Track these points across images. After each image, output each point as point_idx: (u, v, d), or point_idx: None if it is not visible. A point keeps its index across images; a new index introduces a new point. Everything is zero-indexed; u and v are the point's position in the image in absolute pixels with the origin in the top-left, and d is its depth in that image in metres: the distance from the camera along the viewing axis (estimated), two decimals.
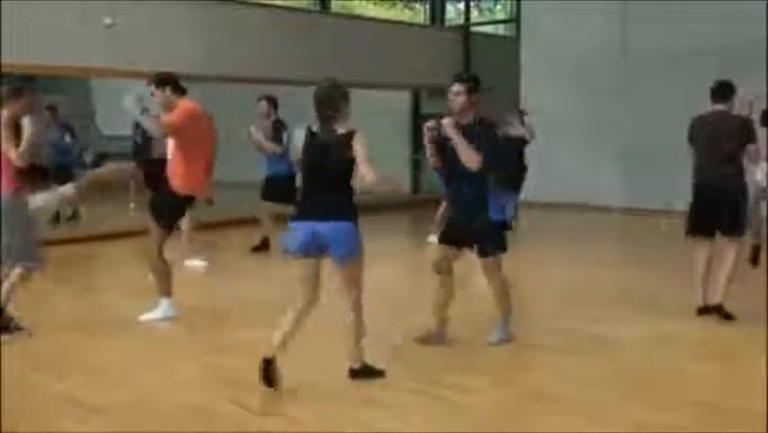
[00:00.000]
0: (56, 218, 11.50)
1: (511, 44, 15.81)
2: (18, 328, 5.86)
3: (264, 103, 9.45)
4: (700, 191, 6.35)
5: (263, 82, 12.46)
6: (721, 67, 12.08)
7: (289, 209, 8.91)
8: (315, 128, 4.65)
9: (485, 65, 15.97)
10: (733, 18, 11.83)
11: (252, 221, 9.83)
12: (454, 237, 5.48)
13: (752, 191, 6.93)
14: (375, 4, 18.53)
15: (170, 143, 6.75)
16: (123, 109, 5.89)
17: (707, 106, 6.44)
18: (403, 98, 15.91)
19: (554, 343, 5.76)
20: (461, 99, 5.30)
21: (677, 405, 4.50)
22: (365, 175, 4.49)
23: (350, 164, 4.57)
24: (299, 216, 4.67)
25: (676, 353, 5.55)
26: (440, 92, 15.93)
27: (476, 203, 5.36)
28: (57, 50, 10.22)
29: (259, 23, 12.71)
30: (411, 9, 18.74)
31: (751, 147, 6.22)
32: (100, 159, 12.90)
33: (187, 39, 11.58)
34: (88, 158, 15.70)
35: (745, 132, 6.19)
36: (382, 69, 14.24)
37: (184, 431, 4.13)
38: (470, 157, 5.18)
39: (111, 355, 5.62)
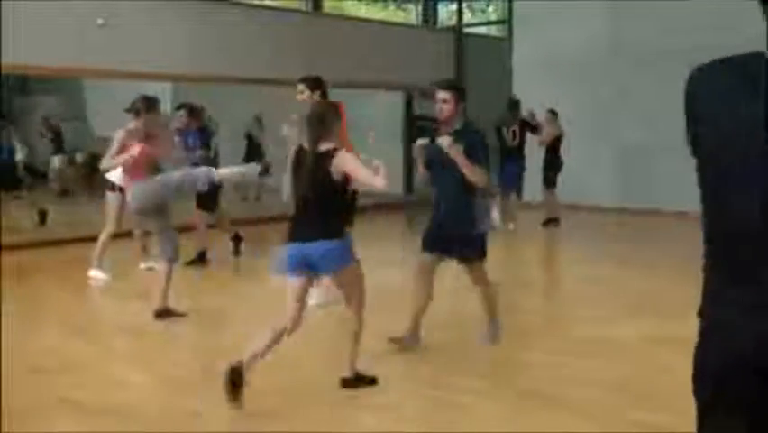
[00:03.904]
0: (42, 220, 11.46)
1: (503, 45, 15.86)
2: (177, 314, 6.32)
3: (183, 112, 8.80)
4: None
5: (257, 82, 12.47)
6: None
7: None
8: (305, 145, 4.51)
9: (477, 66, 16.02)
10: (730, 17, 11.87)
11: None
12: (437, 244, 5.35)
13: None
14: (367, 4, 18.55)
15: None
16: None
17: None
18: (396, 99, 15.92)
19: (554, 343, 5.78)
20: (447, 107, 5.20)
21: (677, 405, 4.50)
22: (373, 184, 4.38)
23: (334, 185, 4.42)
24: (290, 239, 4.50)
25: (676, 353, 5.56)
26: (432, 93, 16.07)
27: (459, 210, 5.23)
28: (52, 50, 10.18)
29: (252, 24, 12.70)
30: (403, 10, 18.77)
31: None
32: (93, 160, 12.83)
33: (181, 39, 11.58)
34: (80, 158, 15.68)
35: None
36: (375, 70, 14.25)
37: (183, 432, 4.14)
38: (477, 177, 5.07)
39: (110, 356, 5.62)
